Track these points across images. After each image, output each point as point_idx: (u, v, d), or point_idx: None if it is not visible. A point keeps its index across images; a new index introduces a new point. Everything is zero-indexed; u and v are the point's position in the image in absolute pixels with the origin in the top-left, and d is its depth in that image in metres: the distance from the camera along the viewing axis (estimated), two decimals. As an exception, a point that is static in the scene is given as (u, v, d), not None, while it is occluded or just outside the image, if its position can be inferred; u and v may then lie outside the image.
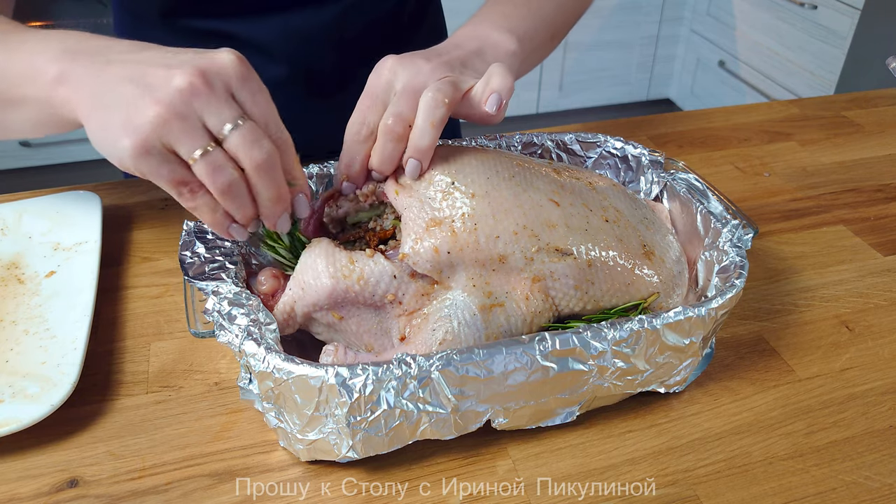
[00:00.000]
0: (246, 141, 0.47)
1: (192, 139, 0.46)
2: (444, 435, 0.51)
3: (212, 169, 0.47)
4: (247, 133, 0.47)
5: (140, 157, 0.45)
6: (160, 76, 0.45)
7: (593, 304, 0.56)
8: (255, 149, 0.47)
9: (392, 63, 0.57)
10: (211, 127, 0.46)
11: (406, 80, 0.56)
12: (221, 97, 0.46)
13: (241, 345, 0.47)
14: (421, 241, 0.52)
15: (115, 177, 1.01)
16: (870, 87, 1.99)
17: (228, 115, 0.46)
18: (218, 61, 0.47)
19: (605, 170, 0.73)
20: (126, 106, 0.45)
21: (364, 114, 0.56)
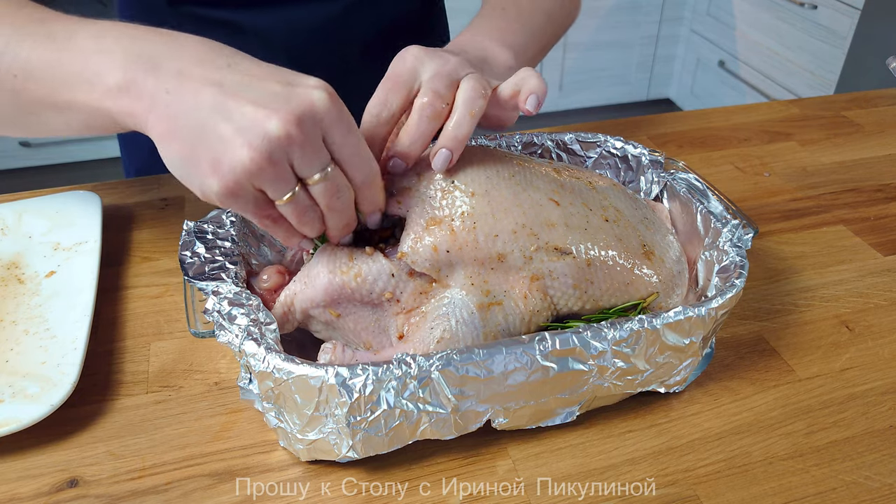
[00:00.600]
0: (328, 191, 0.47)
1: (282, 185, 0.45)
2: (444, 435, 0.51)
3: (295, 210, 0.47)
4: (330, 184, 0.47)
5: (228, 198, 0.45)
6: (252, 117, 0.43)
7: (592, 303, 0.56)
8: (335, 198, 0.48)
9: (417, 51, 0.54)
10: (300, 173, 0.46)
11: (435, 67, 0.54)
12: (314, 145, 0.45)
13: (241, 345, 0.47)
14: (420, 240, 0.52)
15: (115, 177, 1.01)
16: (870, 87, 1.99)
17: (318, 165, 0.46)
18: (313, 103, 0.44)
19: (605, 170, 0.73)
20: (214, 143, 0.43)
21: (386, 95, 0.53)
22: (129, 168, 0.99)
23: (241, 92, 0.44)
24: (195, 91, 0.44)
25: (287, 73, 0.47)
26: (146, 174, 0.90)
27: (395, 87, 0.53)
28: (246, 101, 0.43)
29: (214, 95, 0.43)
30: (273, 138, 0.43)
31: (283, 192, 0.46)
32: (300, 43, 0.80)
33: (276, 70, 0.47)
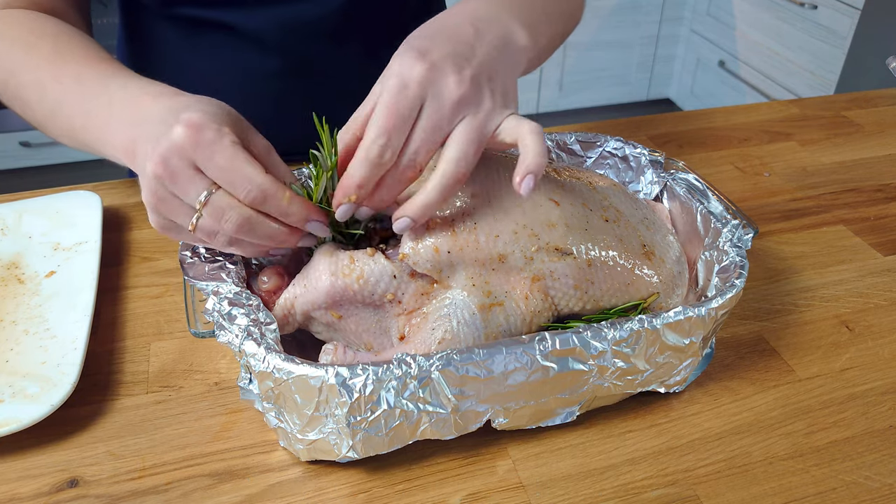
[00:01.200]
0: (213, 214, 0.50)
1: (180, 216, 0.51)
2: (444, 435, 0.51)
3: (206, 235, 0.51)
4: (211, 208, 0.50)
5: (163, 232, 0.53)
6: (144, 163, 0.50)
7: (593, 303, 0.56)
8: (224, 221, 0.50)
9: (421, 73, 0.49)
10: (188, 203, 0.50)
11: (434, 108, 0.49)
12: (185, 176, 0.49)
13: (241, 345, 0.47)
14: (421, 241, 0.52)
15: (116, 177, 1.01)
16: (870, 87, 1.99)
17: (194, 193, 0.49)
18: (171, 141, 0.48)
19: (605, 170, 0.73)
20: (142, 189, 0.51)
21: (389, 134, 0.49)
22: (130, 168, 0.99)
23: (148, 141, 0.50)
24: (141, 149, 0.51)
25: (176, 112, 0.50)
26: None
27: (397, 126, 0.49)
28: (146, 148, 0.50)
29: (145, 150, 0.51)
30: (150, 178, 0.50)
31: (185, 222, 0.51)
32: (293, 43, 0.80)
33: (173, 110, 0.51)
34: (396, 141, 0.49)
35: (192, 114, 0.49)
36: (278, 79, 0.82)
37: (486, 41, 0.54)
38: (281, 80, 0.82)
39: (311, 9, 0.78)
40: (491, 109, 0.51)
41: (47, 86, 0.61)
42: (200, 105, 0.51)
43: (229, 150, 0.49)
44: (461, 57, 0.51)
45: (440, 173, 0.50)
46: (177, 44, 0.81)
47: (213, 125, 0.49)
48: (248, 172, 0.49)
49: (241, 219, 0.50)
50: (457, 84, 0.50)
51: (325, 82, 0.85)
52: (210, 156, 0.49)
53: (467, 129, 0.50)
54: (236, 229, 0.50)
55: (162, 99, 0.54)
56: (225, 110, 0.52)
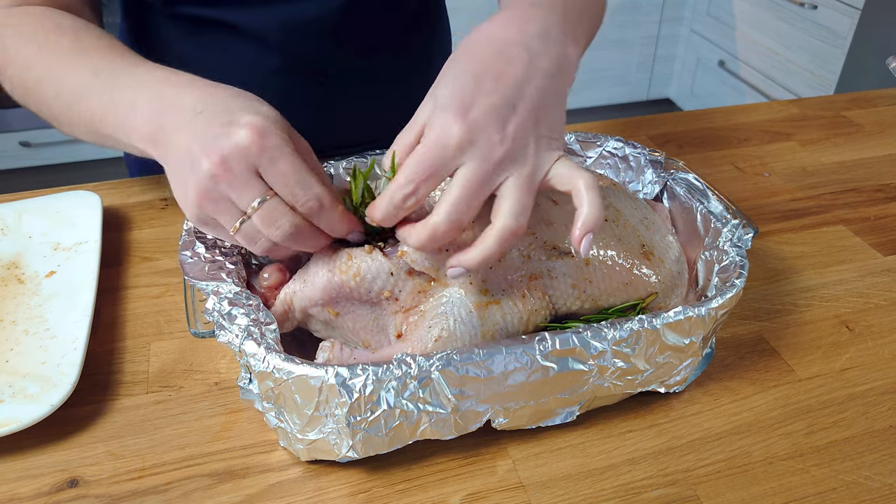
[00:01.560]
0: (265, 220, 0.50)
1: (225, 217, 0.51)
2: (444, 435, 0.51)
3: (244, 238, 0.51)
4: (264, 213, 0.50)
5: (199, 225, 0.53)
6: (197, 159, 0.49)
7: (591, 303, 0.56)
8: (273, 227, 0.50)
9: (460, 134, 0.47)
10: (239, 206, 0.50)
11: (472, 170, 0.48)
12: (242, 179, 0.49)
13: (241, 345, 0.47)
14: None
15: (116, 177, 1.01)
16: (870, 87, 1.99)
17: (249, 198, 0.49)
18: (236, 143, 0.48)
19: (605, 170, 0.73)
20: (183, 180, 0.51)
21: (418, 185, 0.48)
22: (129, 168, 0.99)
23: (198, 137, 0.50)
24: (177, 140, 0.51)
25: (232, 112, 0.50)
26: (146, 174, 0.90)
27: (429, 178, 0.48)
28: (198, 145, 0.49)
29: (186, 142, 0.50)
30: (205, 177, 0.49)
31: (229, 223, 0.51)
32: (294, 41, 0.80)
33: (226, 110, 0.50)
34: (423, 192, 0.49)
35: (255, 118, 0.49)
36: (280, 77, 0.82)
37: (540, 69, 0.51)
38: (283, 78, 0.82)
39: (313, 7, 0.78)
40: (537, 158, 0.50)
41: (65, 79, 0.60)
42: (257, 105, 0.51)
43: (292, 159, 0.49)
44: (507, 105, 0.49)
45: (499, 227, 0.48)
46: (178, 42, 0.81)
47: (276, 131, 0.49)
48: (310, 182, 0.50)
49: (292, 227, 0.50)
50: (499, 143, 0.48)
51: (327, 81, 0.85)
52: (274, 162, 0.49)
53: (518, 184, 0.49)
54: (285, 237, 0.51)
55: (194, 87, 0.53)
56: (278, 113, 0.52)
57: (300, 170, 0.50)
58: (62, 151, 2.44)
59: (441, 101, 0.49)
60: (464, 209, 0.48)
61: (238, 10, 0.78)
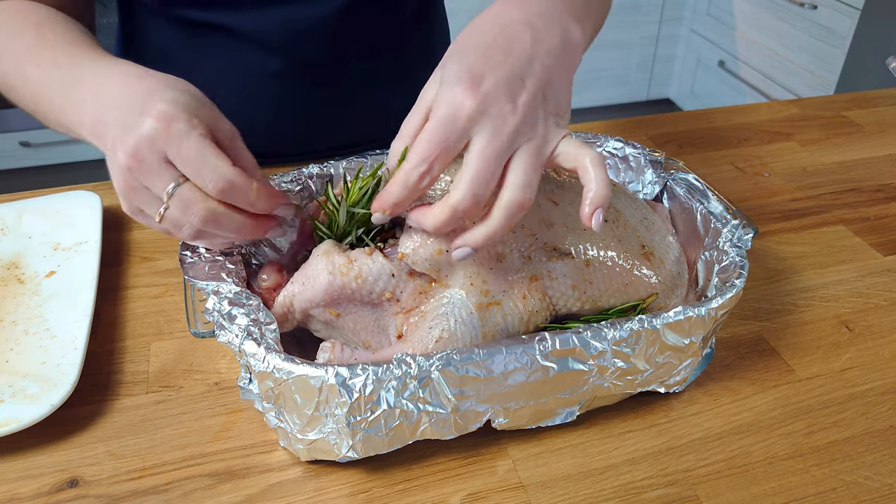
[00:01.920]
0: (180, 205, 0.51)
1: (149, 206, 0.52)
2: (444, 435, 0.51)
3: (173, 226, 0.52)
4: (177, 199, 0.51)
5: (133, 216, 0.54)
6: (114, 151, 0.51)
7: (591, 303, 0.56)
8: (190, 214, 0.51)
9: (472, 105, 0.47)
10: (157, 195, 0.51)
11: (485, 142, 0.47)
12: (154, 168, 0.50)
13: (241, 345, 0.47)
14: (420, 240, 0.52)
15: (115, 177, 1.01)
16: (870, 87, 1.99)
17: (162, 185, 0.50)
18: (142, 134, 0.49)
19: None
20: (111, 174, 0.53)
21: (431, 163, 0.48)
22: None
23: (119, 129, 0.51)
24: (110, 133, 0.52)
25: (146, 99, 0.51)
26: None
27: (442, 155, 0.48)
28: (119, 137, 0.51)
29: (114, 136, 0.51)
30: (122, 169, 0.51)
31: (152, 212, 0.52)
32: (293, 44, 0.80)
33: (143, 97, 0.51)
34: (437, 170, 0.48)
35: (162, 105, 0.50)
36: (278, 80, 0.82)
37: (545, 47, 0.51)
38: (281, 81, 0.82)
39: (312, 10, 0.78)
40: (545, 133, 0.50)
41: (28, 71, 0.61)
42: (169, 93, 0.51)
43: (197, 142, 0.49)
44: (516, 78, 0.49)
45: (506, 200, 0.48)
46: (176, 45, 0.81)
47: (183, 116, 0.50)
48: (215, 164, 0.50)
49: (206, 212, 0.51)
50: (511, 113, 0.48)
51: (326, 83, 0.85)
52: (179, 148, 0.49)
53: (527, 157, 0.49)
54: (202, 222, 0.51)
55: (129, 81, 0.54)
56: (192, 95, 0.52)
57: (205, 151, 0.49)
58: (62, 151, 2.44)
59: (450, 76, 0.48)
60: (483, 182, 0.47)
61: (237, 13, 0.77)
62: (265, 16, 0.78)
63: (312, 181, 0.67)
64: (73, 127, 0.58)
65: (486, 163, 0.47)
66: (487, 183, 0.47)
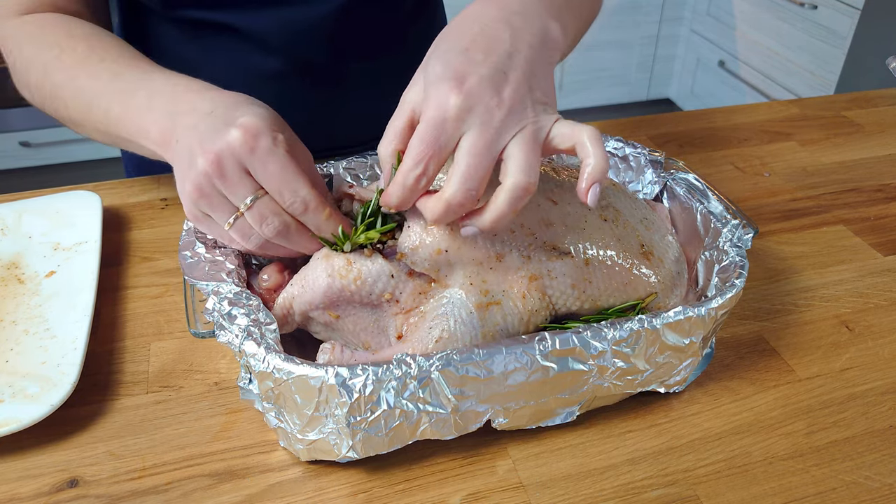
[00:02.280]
0: (256, 218, 0.52)
1: (219, 213, 0.53)
2: (444, 435, 0.51)
3: (238, 234, 0.54)
4: (256, 212, 0.52)
5: (194, 221, 0.55)
6: (194, 156, 0.52)
7: (591, 303, 0.56)
8: (265, 226, 0.52)
9: (458, 103, 0.48)
10: (233, 202, 0.52)
11: (475, 135, 0.48)
12: (235, 177, 0.51)
13: (241, 345, 0.47)
14: (419, 240, 0.52)
15: (115, 177, 1.01)
16: (870, 87, 1.99)
17: (240, 195, 0.52)
18: (228, 143, 0.50)
19: (605, 170, 0.73)
20: (181, 177, 0.53)
21: (426, 164, 0.49)
22: (129, 168, 0.99)
23: (200, 136, 0.52)
24: (183, 140, 0.53)
25: (232, 110, 0.52)
26: (146, 174, 0.90)
27: (435, 155, 0.49)
28: (197, 143, 0.52)
29: (191, 142, 0.52)
30: (199, 174, 0.51)
31: (222, 219, 0.53)
32: (295, 44, 0.80)
33: (230, 111, 0.53)
34: (433, 170, 0.49)
35: (249, 118, 0.51)
36: (280, 80, 0.82)
37: (524, 41, 0.52)
38: (281, 81, 0.82)
39: (311, 10, 0.78)
40: (536, 119, 0.50)
41: (83, 83, 0.63)
42: (255, 108, 0.53)
43: (282, 160, 0.51)
44: (499, 72, 0.50)
45: (509, 185, 0.48)
46: (178, 45, 0.81)
47: (269, 132, 0.51)
48: (297, 184, 0.51)
49: (282, 225, 0.53)
50: (497, 107, 0.49)
51: (325, 83, 0.85)
52: (264, 163, 0.51)
53: (522, 142, 0.49)
54: (275, 234, 0.53)
55: (207, 92, 0.56)
56: (274, 114, 0.54)
57: (288, 171, 0.51)
58: (62, 151, 2.44)
59: (433, 77, 0.49)
60: (474, 177, 0.48)
61: (239, 13, 0.78)
62: (265, 16, 0.78)
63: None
64: (132, 136, 0.59)
65: (476, 157, 0.48)
66: (479, 177, 0.48)
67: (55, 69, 0.65)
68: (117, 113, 0.60)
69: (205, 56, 0.81)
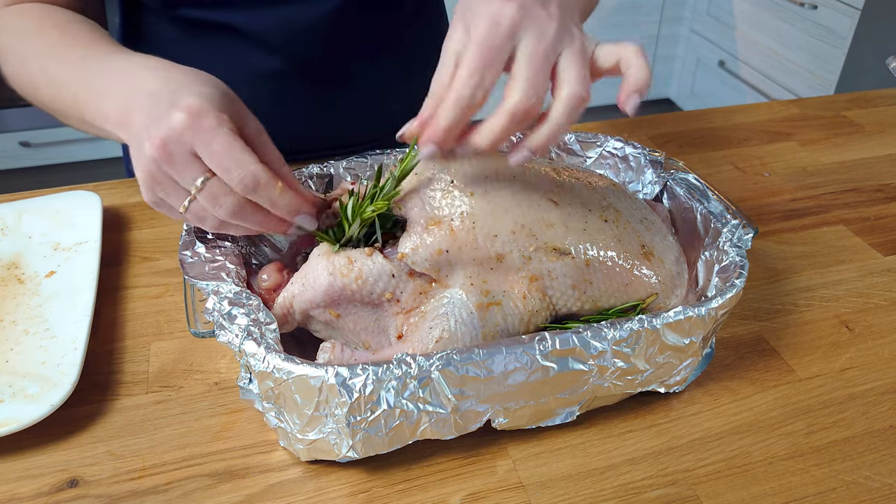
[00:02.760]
0: (208, 199, 0.52)
1: (173, 198, 0.53)
2: (444, 435, 0.51)
3: (196, 218, 0.53)
4: (206, 193, 0.51)
5: (153, 206, 0.54)
6: (142, 139, 0.51)
7: (591, 304, 0.56)
8: (217, 207, 0.52)
9: (512, 13, 0.48)
10: (184, 187, 0.52)
11: (533, 44, 0.48)
12: (182, 161, 0.50)
13: (241, 345, 0.47)
14: (420, 240, 0.52)
15: (115, 177, 1.01)
16: (870, 87, 1.98)
17: (191, 178, 0.51)
18: (171, 126, 0.50)
19: (605, 170, 0.73)
20: (135, 164, 0.53)
21: (482, 72, 0.48)
22: (129, 168, 0.99)
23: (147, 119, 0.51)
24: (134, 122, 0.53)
25: (177, 96, 0.51)
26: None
27: (491, 63, 0.48)
28: (143, 128, 0.51)
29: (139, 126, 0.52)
30: (148, 160, 0.51)
31: (178, 203, 0.53)
32: (296, 43, 0.80)
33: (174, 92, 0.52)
34: (489, 79, 0.49)
35: (191, 99, 0.50)
36: (281, 79, 0.82)
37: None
38: (283, 80, 0.82)
39: (310, 9, 0.79)
40: (581, 37, 0.51)
41: (52, 68, 0.62)
42: (198, 86, 0.52)
43: (226, 138, 0.50)
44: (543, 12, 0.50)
45: (566, 95, 0.49)
46: (178, 44, 0.81)
47: (212, 111, 0.50)
48: (243, 160, 0.50)
49: (234, 205, 0.52)
50: (549, 18, 0.50)
51: (325, 83, 0.85)
52: (208, 143, 0.50)
53: (573, 55, 0.50)
54: (229, 215, 0.52)
55: (156, 73, 0.54)
56: (221, 91, 0.53)
57: (234, 148, 0.50)
58: (62, 151, 2.44)
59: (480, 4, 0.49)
60: (535, 84, 0.48)
61: (238, 13, 0.78)
62: (264, 15, 0.78)
63: (312, 181, 0.67)
64: (95, 120, 0.58)
65: (539, 62, 0.48)
66: (541, 83, 0.48)
67: (30, 57, 0.64)
68: (83, 96, 0.59)
69: (204, 55, 0.81)
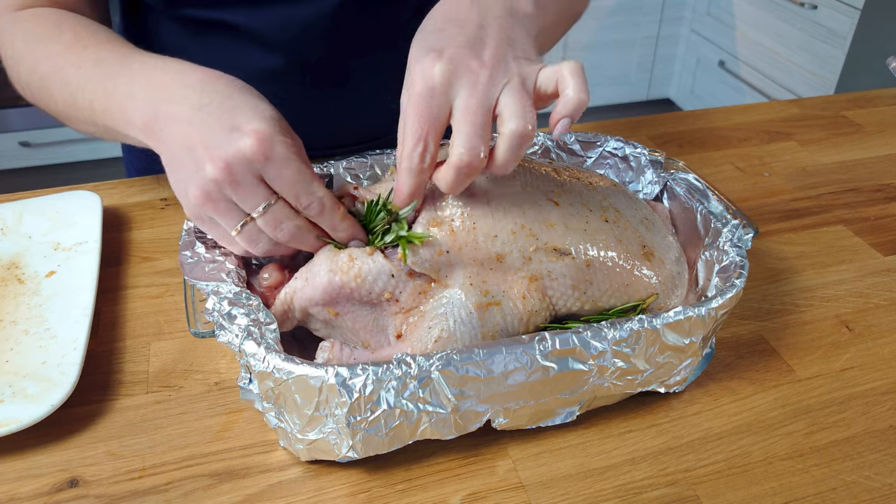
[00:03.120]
0: (269, 223, 0.52)
1: (226, 218, 0.52)
2: (444, 435, 0.51)
3: (245, 240, 0.53)
4: (270, 217, 0.52)
5: (196, 222, 0.55)
6: (199, 159, 0.50)
7: (591, 304, 0.56)
8: (278, 229, 0.52)
9: (443, 70, 0.49)
10: (243, 208, 0.52)
11: (465, 96, 0.50)
12: (247, 186, 0.50)
13: (241, 345, 0.47)
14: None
15: (115, 177, 1.01)
16: (870, 87, 1.98)
17: (253, 202, 0.51)
18: (240, 150, 0.49)
19: (605, 170, 0.73)
20: (184, 174, 0.52)
21: (426, 141, 0.50)
22: (129, 168, 0.99)
23: (202, 138, 0.51)
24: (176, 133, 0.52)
25: (236, 115, 0.51)
26: (146, 174, 0.90)
27: (432, 128, 0.50)
28: (202, 148, 0.50)
29: (186, 139, 0.51)
30: (208, 180, 0.50)
31: (229, 224, 0.53)
32: (296, 42, 0.80)
33: (230, 109, 0.52)
34: (433, 144, 0.50)
35: (259, 124, 0.50)
36: (280, 78, 0.82)
37: (493, 16, 0.54)
38: (283, 78, 0.82)
39: (310, 8, 0.79)
40: (521, 70, 0.51)
41: (67, 72, 0.62)
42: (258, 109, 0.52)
43: (297, 165, 0.51)
44: (476, 40, 0.51)
45: (507, 132, 0.49)
46: (179, 43, 0.81)
47: (279, 137, 0.51)
48: (312, 188, 0.52)
49: (296, 229, 0.53)
50: (480, 67, 0.50)
51: (325, 82, 0.85)
52: (279, 170, 0.50)
53: (512, 91, 0.50)
54: (289, 238, 0.53)
55: (184, 76, 0.54)
56: (278, 114, 0.53)
57: (304, 175, 0.51)
58: (62, 151, 2.44)
59: (412, 60, 0.51)
60: (475, 135, 0.49)
61: (241, 12, 0.78)
62: (264, 13, 0.78)
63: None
64: (118, 126, 0.58)
65: (473, 116, 0.49)
66: (479, 135, 0.49)
67: (42, 60, 0.64)
68: (102, 102, 0.59)
69: (205, 54, 0.81)
